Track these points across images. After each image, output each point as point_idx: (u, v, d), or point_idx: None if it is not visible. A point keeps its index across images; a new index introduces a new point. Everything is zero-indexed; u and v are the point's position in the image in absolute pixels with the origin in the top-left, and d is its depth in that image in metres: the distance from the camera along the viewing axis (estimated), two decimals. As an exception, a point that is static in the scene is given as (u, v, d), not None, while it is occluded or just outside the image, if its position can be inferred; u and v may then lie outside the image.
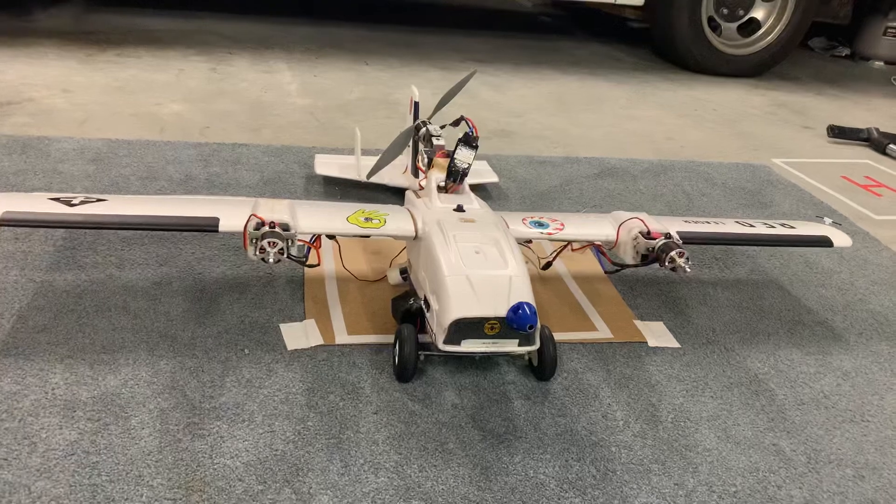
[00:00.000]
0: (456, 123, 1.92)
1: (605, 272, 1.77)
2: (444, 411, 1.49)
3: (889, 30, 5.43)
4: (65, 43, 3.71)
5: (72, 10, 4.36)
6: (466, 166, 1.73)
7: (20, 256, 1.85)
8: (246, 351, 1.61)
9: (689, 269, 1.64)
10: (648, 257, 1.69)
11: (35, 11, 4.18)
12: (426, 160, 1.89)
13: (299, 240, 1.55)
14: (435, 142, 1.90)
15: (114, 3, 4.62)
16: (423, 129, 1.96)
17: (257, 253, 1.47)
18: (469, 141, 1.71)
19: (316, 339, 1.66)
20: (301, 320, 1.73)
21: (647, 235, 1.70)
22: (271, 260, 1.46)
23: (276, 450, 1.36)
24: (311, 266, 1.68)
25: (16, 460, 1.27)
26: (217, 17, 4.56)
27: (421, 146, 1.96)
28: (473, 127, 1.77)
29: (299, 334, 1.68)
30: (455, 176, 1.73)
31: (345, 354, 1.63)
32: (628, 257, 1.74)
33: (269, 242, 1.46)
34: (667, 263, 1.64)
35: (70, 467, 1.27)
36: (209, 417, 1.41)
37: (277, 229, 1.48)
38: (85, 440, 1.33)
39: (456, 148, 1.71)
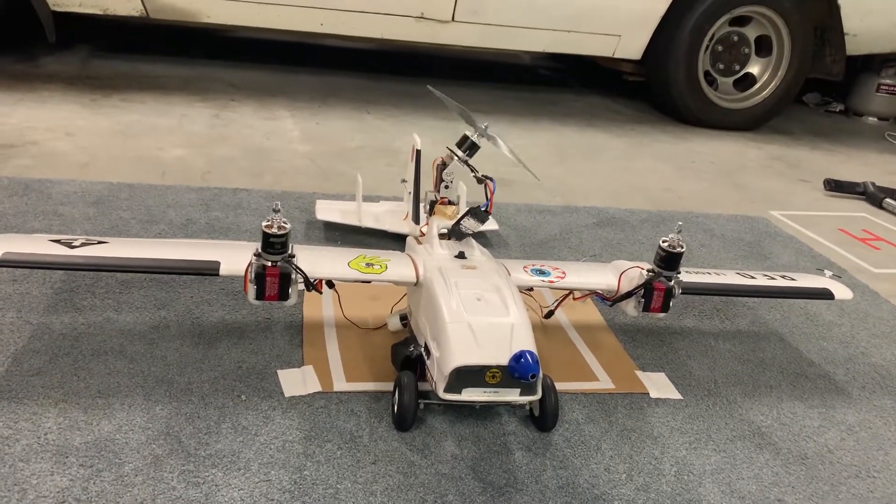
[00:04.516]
0: (479, 181, 1.83)
1: (609, 305, 1.77)
2: (443, 462, 1.47)
3: (882, 87, 5.53)
4: (69, 87, 3.75)
5: (77, 56, 4.42)
6: (471, 233, 1.72)
7: (17, 298, 1.84)
8: (243, 397, 1.58)
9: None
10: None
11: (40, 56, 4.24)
12: (428, 207, 1.90)
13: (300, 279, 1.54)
14: (442, 190, 1.90)
15: (119, 49, 4.69)
16: (455, 159, 1.90)
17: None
18: (479, 215, 1.69)
19: (314, 385, 1.64)
20: (299, 366, 1.71)
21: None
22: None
23: (272, 499, 1.33)
24: (315, 290, 1.63)
25: (5, 507, 1.24)
26: (221, 65, 4.62)
27: (426, 192, 1.97)
28: (490, 199, 1.76)
29: (297, 381, 1.66)
30: (458, 236, 1.73)
31: (343, 402, 1.60)
32: (629, 307, 1.74)
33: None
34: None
35: (60, 515, 1.24)
36: (204, 465, 1.38)
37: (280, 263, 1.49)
38: (76, 487, 1.30)
39: (465, 215, 1.70)
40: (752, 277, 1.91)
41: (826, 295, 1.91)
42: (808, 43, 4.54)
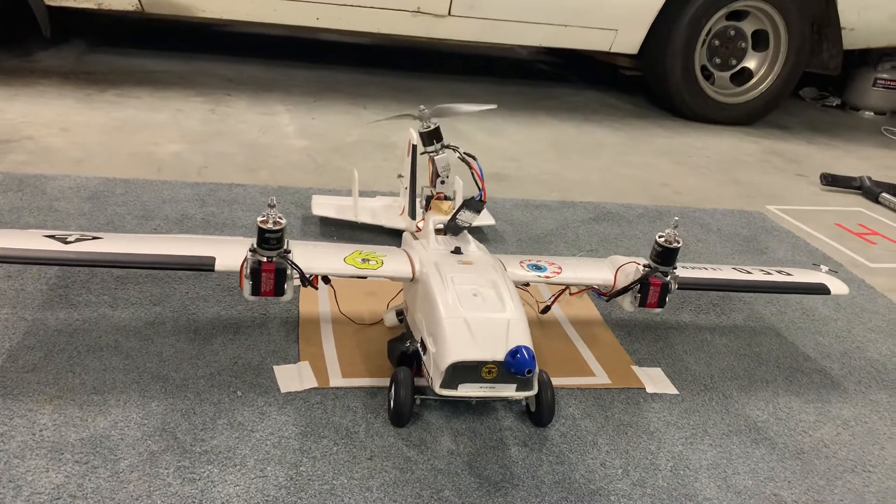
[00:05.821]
0: (463, 160, 1.83)
1: (606, 301, 1.77)
2: (439, 457, 1.47)
3: (878, 81, 5.53)
4: (65, 83, 3.74)
5: (72, 51, 4.40)
6: (468, 225, 1.72)
7: (12, 294, 1.83)
8: (239, 393, 1.58)
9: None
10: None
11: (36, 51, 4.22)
12: (424, 202, 1.89)
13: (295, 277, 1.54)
14: (438, 185, 1.90)
15: (114, 44, 4.68)
16: (437, 153, 1.88)
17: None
18: (474, 206, 1.69)
19: (310, 381, 1.64)
20: (295, 362, 1.71)
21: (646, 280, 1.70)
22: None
23: (268, 495, 1.32)
24: (310, 286, 1.62)
25: (-1, 504, 1.24)
26: (217, 60, 4.61)
27: (422, 187, 1.96)
28: (482, 184, 1.76)
29: (293, 377, 1.65)
30: (454, 230, 1.72)
31: (339, 398, 1.60)
32: (626, 302, 1.74)
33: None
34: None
35: (55, 512, 1.24)
36: (200, 461, 1.38)
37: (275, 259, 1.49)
38: (72, 484, 1.30)
39: (460, 208, 1.70)
40: (749, 272, 1.91)
41: (822, 290, 1.91)
42: (804, 37, 4.54)
